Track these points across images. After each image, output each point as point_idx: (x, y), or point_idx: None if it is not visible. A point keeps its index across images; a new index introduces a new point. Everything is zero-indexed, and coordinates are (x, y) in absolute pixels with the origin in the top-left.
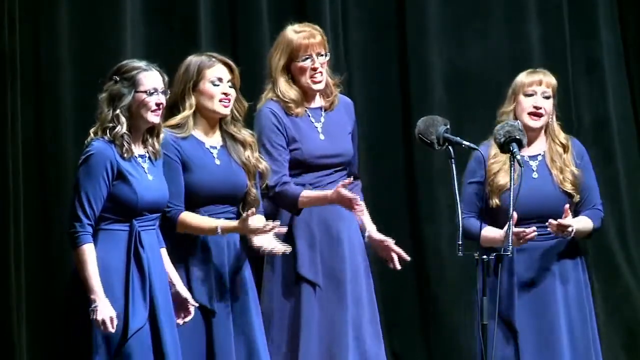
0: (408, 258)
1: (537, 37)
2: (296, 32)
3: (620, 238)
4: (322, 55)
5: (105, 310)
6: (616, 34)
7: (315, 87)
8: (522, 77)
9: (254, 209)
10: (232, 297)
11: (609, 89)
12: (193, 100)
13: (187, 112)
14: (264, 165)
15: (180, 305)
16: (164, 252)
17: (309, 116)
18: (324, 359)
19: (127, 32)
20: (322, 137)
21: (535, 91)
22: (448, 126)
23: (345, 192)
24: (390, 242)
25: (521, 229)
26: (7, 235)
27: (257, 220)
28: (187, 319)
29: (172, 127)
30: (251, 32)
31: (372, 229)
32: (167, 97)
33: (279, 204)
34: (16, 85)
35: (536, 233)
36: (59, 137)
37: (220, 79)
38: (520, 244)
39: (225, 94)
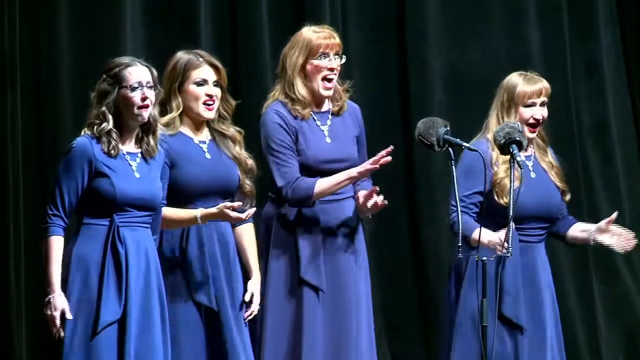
0: (386, 203)
1: (537, 39)
2: (315, 32)
3: None
4: (339, 56)
5: (57, 305)
6: (616, 36)
7: (325, 92)
8: (522, 86)
9: (240, 203)
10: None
11: (609, 91)
12: (179, 100)
13: (174, 114)
14: (251, 162)
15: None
16: None
17: (315, 120)
18: None
19: (127, 32)
20: (328, 140)
21: (535, 102)
22: (448, 128)
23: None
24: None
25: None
26: (7, 235)
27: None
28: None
29: (162, 125)
30: (251, 32)
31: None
32: (158, 92)
33: (294, 202)
34: (16, 85)
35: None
36: (59, 137)
37: (205, 80)
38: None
39: (209, 95)
